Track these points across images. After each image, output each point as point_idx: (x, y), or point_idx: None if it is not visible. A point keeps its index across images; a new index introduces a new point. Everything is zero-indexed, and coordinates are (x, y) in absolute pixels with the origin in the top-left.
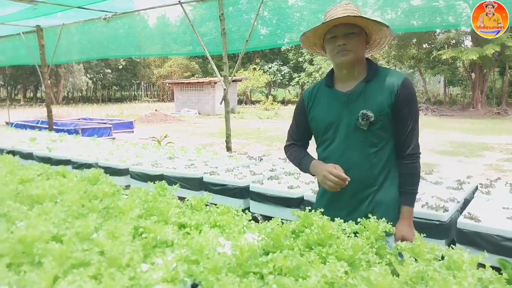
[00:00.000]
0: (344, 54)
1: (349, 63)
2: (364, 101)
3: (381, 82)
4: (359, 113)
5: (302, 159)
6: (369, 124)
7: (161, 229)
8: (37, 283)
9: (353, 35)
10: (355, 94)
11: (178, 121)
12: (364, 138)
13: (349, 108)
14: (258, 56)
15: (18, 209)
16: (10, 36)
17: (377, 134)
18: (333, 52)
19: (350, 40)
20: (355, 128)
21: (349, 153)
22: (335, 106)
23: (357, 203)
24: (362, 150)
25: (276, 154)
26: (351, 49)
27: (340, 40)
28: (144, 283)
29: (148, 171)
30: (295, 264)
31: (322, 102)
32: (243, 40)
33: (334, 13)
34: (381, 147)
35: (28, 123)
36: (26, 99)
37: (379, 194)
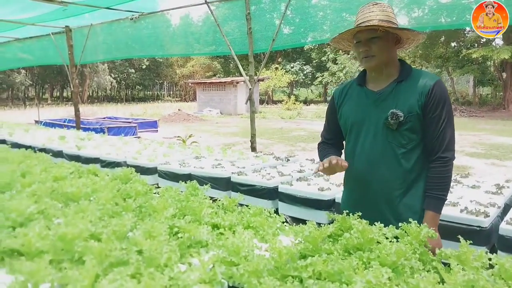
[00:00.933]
0: (368, 60)
1: (374, 68)
2: (394, 101)
3: (413, 83)
4: (388, 113)
5: (325, 156)
6: (398, 124)
7: (195, 229)
8: (80, 281)
9: (376, 39)
10: (386, 93)
11: (200, 120)
12: (392, 138)
13: (379, 107)
14: (281, 56)
15: (54, 207)
16: (39, 37)
17: (405, 135)
18: (359, 57)
19: (373, 45)
20: (384, 128)
21: (376, 152)
22: (364, 104)
23: (383, 205)
24: (390, 150)
25: (300, 154)
26: (374, 54)
27: (363, 46)
28: (182, 283)
29: (176, 170)
30: (336, 269)
31: (352, 100)
32: (266, 39)
33: (361, 16)
34: (410, 148)
35: (55, 122)
36: (53, 98)
37: (406, 197)
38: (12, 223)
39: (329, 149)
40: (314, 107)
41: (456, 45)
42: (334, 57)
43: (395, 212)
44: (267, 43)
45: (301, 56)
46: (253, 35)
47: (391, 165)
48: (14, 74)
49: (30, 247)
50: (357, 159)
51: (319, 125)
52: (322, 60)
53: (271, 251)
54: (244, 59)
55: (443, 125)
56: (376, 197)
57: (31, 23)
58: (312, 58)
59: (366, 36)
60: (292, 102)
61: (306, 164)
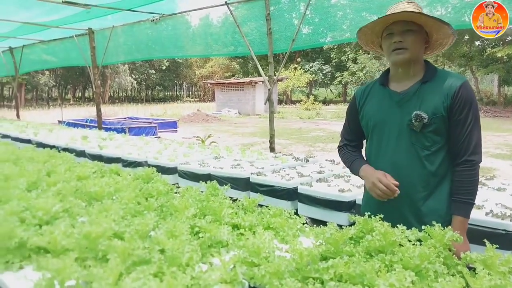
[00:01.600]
0: (400, 52)
1: (404, 61)
2: (418, 102)
3: (438, 84)
4: (412, 114)
5: (354, 161)
6: (422, 126)
7: (216, 229)
8: (105, 279)
9: (411, 32)
10: (409, 94)
11: (219, 121)
12: (416, 140)
13: (402, 108)
14: (300, 55)
15: (78, 205)
16: (62, 39)
17: (429, 137)
18: (389, 50)
19: (407, 38)
20: (407, 129)
21: (398, 154)
22: (387, 105)
23: (406, 208)
24: (413, 152)
25: (319, 155)
26: (407, 47)
27: (396, 37)
28: (203, 283)
29: (196, 170)
30: (358, 272)
31: (374, 100)
32: (285, 39)
33: (394, 10)
34: (433, 151)
35: (78, 122)
36: (75, 98)
37: (430, 200)
38: (39, 221)
39: (354, 153)
40: (334, 107)
41: (480, 44)
42: (354, 56)
43: (417, 215)
44: (286, 43)
45: (320, 55)
46: (272, 35)
47: (414, 168)
48: (38, 76)
49: (56, 245)
50: (379, 160)
51: (338, 125)
52: (341, 59)
53: (292, 252)
54: (262, 59)
55: (470, 127)
56: (398, 199)
57: (55, 25)
58: (331, 57)
59: (401, 28)
60: (311, 102)
61: (326, 165)
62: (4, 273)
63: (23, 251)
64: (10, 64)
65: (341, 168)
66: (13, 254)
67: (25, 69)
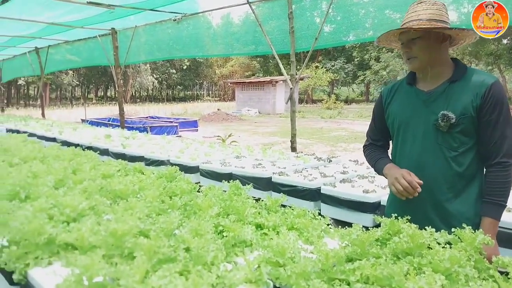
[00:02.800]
0: (411, 62)
1: (416, 69)
2: (445, 102)
3: (468, 83)
4: (439, 114)
5: (378, 160)
6: (449, 126)
7: (240, 228)
8: (131, 276)
9: (417, 40)
10: (436, 93)
11: (239, 120)
12: (443, 140)
13: (429, 107)
14: (321, 54)
15: (103, 203)
16: (86, 39)
17: (457, 137)
18: (404, 59)
19: (413, 46)
20: (433, 129)
21: (423, 154)
22: (414, 104)
23: (431, 209)
24: (439, 153)
25: (341, 155)
26: (416, 56)
27: (404, 47)
28: (228, 282)
29: (217, 169)
30: (386, 274)
31: (400, 99)
32: (306, 38)
33: (406, 16)
34: (461, 152)
35: (100, 121)
36: (97, 97)
37: (456, 202)
38: (66, 218)
39: (379, 152)
40: (356, 107)
41: (509, 42)
42: (377, 55)
43: (443, 217)
44: (307, 41)
45: (342, 54)
46: (294, 34)
47: (441, 168)
48: (62, 75)
49: (84, 241)
50: (405, 160)
51: (361, 125)
52: (364, 58)
53: (318, 253)
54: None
55: (502, 128)
56: (423, 200)
57: (79, 26)
58: (353, 56)
59: (407, 37)
60: (332, 101)
61: (350, 165)
62: (34, 269)
63: (52, 247)
64: (36, 64)
65: (365, 169)
66: (42, 250)
67: (50, 69)
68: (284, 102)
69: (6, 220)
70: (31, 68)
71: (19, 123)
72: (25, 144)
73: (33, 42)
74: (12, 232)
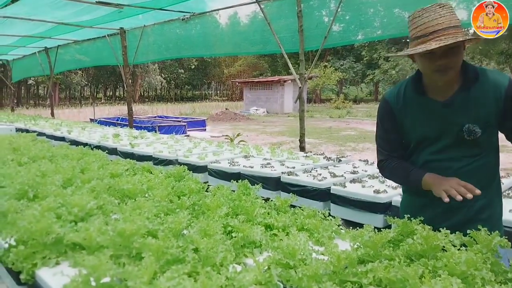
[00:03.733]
0: (444, 74)
1: (450, 80)
2: (466, 113)
3: (484, 89)
4: (463, 127)
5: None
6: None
7: (249, 229)
8: (139, 277)
9: (455, 49)
10: (455, 104)
11: (247, 119)
12: (467, 149)
13: (449, 120)
14: (330, 53)
15: (111, 203)
16: (95, 39)
17: (481, 144)
18: (429, 69)
19: (453, 57)
20: (457, 140)
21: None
22: (431, 118)
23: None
24: (463, 160)
25: (350, 154)
26: (453, 67)
27: (440, 60)
28: (237, 284)
29: (225, 169)
30: (399, 276)
31: (414, 112)
32: (315, 37)
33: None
34: (482, 156)
35: (109, 120)
36: (106, 97)
37: (475, 206)
38: (74, 217)
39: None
40: (365, 106)
41: None
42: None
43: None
44: (316, 40)
45: (351, 53)
46: (303, 33)
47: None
48: (71, 75)
49: (91, 241)
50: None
51: (369, 124)
52: (373, 57)
53: (329, 255)
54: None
55: None
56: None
57: (88, 25)
58: (362, 55)
59: (445, 47)
60: (341, 100)
61: (360, 165)
62: (41, 269)
63: (60, 247)
64: (45, 64)
65: (375, 169)
66: (50, 250)
67: (59, 69)
68: (292, 102)
69: (14, 219)
70: (41, 68)
71: (28, 122)
72: (34, 143)
73: (42, 42)
74: (20, 231)
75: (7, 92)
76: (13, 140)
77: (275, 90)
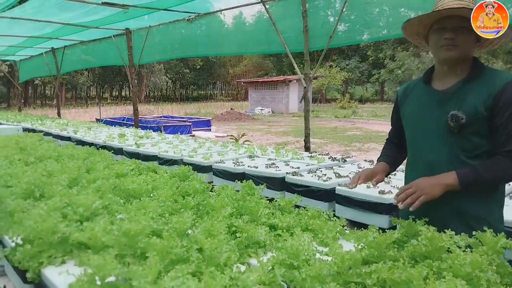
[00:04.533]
0: (450, 49)
1: (453, 59)
2: (457, 102)
3: (482, 83)
4: (449, 114)
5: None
6: (460, 127)
7: (253, 229)
8: (144, 277)
9: (464, 29)
10: (450, 93)
11: (252, 119)
12: (455, 141)
13: (441, 107)
14: (335, 53)
15: (117, 202)
16: (101, 39)
17: (470, 139)
18: (437, 45)
19: (460, 35)
20: (446, 130)
21: (435, 155)
22: (427, 104)
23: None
24: (452, 154)
25: (355, 155)
26: (458, 44)
27: (448, 33)
28: (241, 284)
29: (230, 169)
30: (403, 278)
31: (414, 99)
32: (320, 37)
33: (449, 3)
34: (476, 155)
35: (115, 120)
36: (112, 97)
37: (475, 206)
38: (80, 217)
39: (387, 149)
40: (370, 106)
41: None
42: (392, 53)
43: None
44: (321, 40)
45: (357, 53)
46: (308, 32)
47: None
48: (77, 75)
49: (97, 241)
50: (418, 161)
51: (375, 124)
52: (379, 57)
53: (333, 255)
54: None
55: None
56: (441, 203)
57: (94, 26)
58: (368, 55)
59: (455, 23)
60: (346, 100)
61: (365, 166)
62: (47, 268)
63: (65, 246)
64: (52, 64)
65: None
66: (55, 249)
67: (66, 69)
68: (298, 102)
69: (20, 218)
70: (48, 68)
71: (35, 122)
72: (41, 143)
73: (49, 42)
74: (26, 230)
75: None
76: (20, 139)
77: (280, 90)
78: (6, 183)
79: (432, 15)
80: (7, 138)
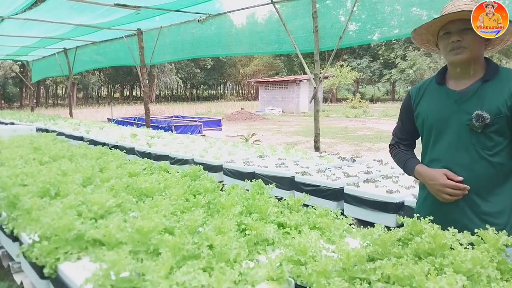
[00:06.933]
0: (458, 52)
1: (463, 61)
2: (479, 102)
3: (501, 82)
4: (473, 114)
5: (407, 161)
6: (484, 126)
7: (262, 227)
8: (157, 272)
9: (469, 31)
10: (469, 93)
11: (262, 119)
12: (477, 140)
13: (461, 107)
14: (346, 52)
15: (130, 201)
16: (112, 40)
17: (491, 137)
18: (446, 50)
19: (466, 37)
20: (467, 129)
21: (458, 155)
22: (445, 104)
23: (467, 209)
24: (473, 153)
25: (366, 155)
26: (466, 46)
27: (454, 37)
28: (250, 279)
29: (240, 168)
30: (406, 273)
31: (430, 99)
32: (331, 37)
33: (451, 8)
34: (496, 152)
35: (126, 120)
36: (123, 97)
37: (493, 201)
38: (94, 215)
39: (406, 152)
40: (381, 106)
41: None
42: (403, 53)
43: (480, 216)
44: (332, 40)
45: (368, 52)
46: (318, 32)
47: (474, 169)
48: (89, 75)
49: (111, 238)
50: (437, 161)
51: (386, 124)
52: (390, 56)
53: (339, 252)
54: (307, 57)
55: None
56: (459, 201)
57: (106, 27)
58: (379, 54)
59: (459, 26)
60: (357, 100)
61: (374, 165)
62: (64, 263)
63: (81, 243)
64: (64, 65)
65: (389, 169)
66: (71, 245)
67: (78, 69)
68: (308, 101)
69: (37, 216)
70: (60, 69)
71: (48, 122)
72: (54, 143)
73: (61, 43)
74: (43, 227)
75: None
76: (34, 139)
77: (291, 90)
78: (23, 181)
79: (436, 21)
80: (21, 138)
